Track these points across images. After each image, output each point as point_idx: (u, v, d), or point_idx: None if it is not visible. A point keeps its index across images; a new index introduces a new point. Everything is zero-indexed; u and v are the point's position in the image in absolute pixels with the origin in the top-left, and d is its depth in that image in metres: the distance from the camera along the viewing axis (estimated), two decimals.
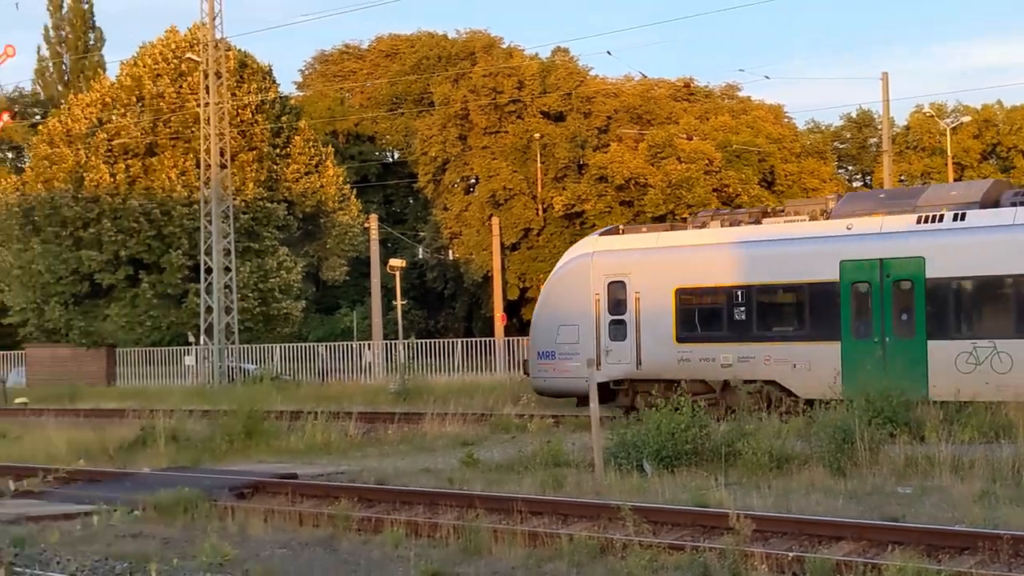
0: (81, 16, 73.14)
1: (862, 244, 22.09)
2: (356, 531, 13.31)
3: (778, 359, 22.72)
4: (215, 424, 23.04)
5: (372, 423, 25.46)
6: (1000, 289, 21.22)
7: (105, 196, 50.72)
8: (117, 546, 12.38)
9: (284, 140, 54.51)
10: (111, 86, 54.67)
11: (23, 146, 66.42)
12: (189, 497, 14.88)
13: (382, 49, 77.41)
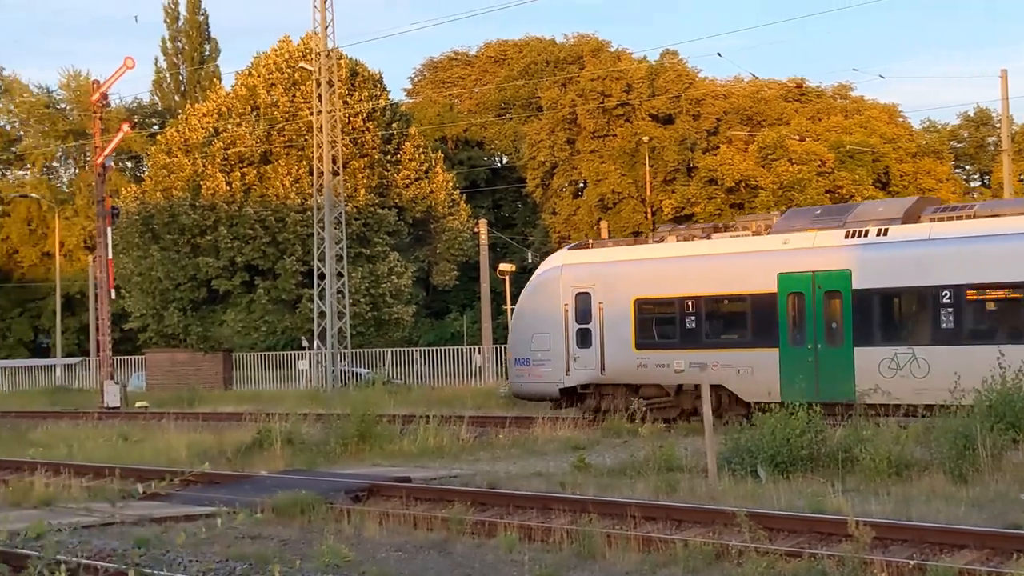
0: (197, 28, 74.87)
1: (797, 258, 23.54)
2: (470, 535, 13.36)
3: (724, 365, 24.12)
4: (329, 428, 23.29)
5: (483, 427, 25.54)
6: (917, 299, 22.59)
7: (221, 204, 51.80)
8: (237, 547, 12.60)
9: (395, 147, 55.09)
10: (227, 96, 55.79)
11: (142, 156, 68.18)
12: (306, 500, 15.07)
13: (490, 55, 77.86)
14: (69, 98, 71.43)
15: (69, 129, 70.19)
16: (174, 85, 76.33)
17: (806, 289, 23.32)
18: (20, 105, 71.66)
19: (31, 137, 71.37)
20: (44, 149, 70.59)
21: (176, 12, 74.91)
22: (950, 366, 20.93)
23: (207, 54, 75.98)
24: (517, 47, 75.42)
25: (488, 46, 78.69)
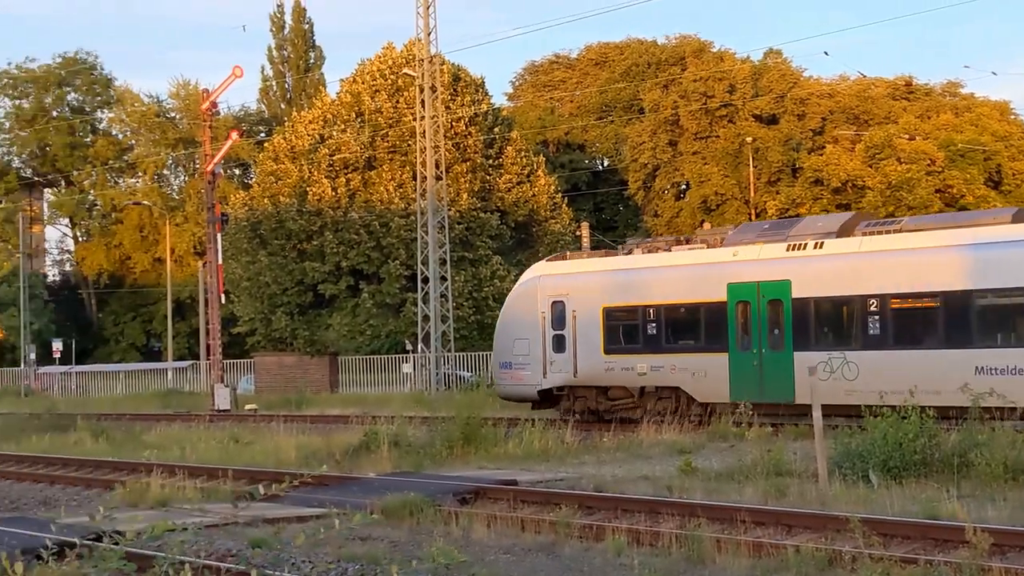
0: (302, 36, 76.01)
1: (744, 269, 25.36)
2: (577, 538, 13.36)
3: (681, 368, 26.09)
4: (434, 430, 23.47)
5: (588, 430, 25.53)
6: (848, 307, 24.24)
7: (327, 209, 52.50)
8: (348, 548, 12.75)
9: (496, 151, 55.33)
10: (332, 103, 56.54)
11: (250, 163, 69.39)
12: (414, 502, 15.20)
13: (591, 58, 77.79)
14: (179, 107, 73.01)
15: (179, 137, 71.73)
16: (280, 93, 77.56)
17: (752, 298, 25.14)
18: (132, 115, 73.45)
19: (142, 146, 73.10)
20: (155, 157, 72.23)
21: (282, 21, 76.16)
22: (877, 369, 22.93)
23: (312, 62, 77.08)
24: (618, 49, 75.23)
25: (589, 49, 78.64)
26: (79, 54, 77.33)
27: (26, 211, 76.24)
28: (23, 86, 76.92)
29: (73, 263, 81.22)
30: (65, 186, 78.69)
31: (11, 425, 32.29)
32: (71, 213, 78.55)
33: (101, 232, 75.80)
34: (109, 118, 77.94)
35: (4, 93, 77.43)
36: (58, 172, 76.68)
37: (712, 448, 21.95)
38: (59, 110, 76.56)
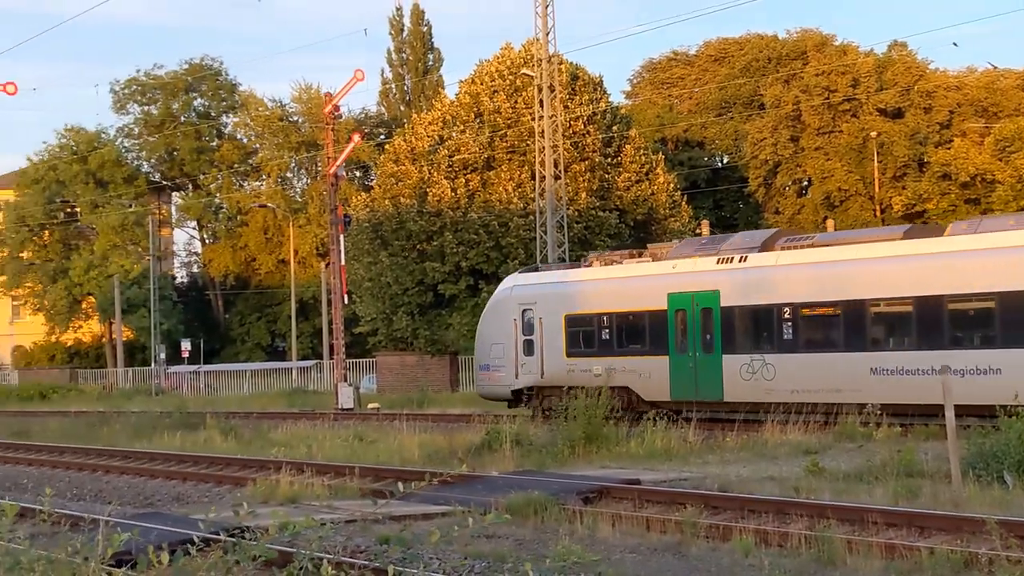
0: (421, 38, 76.70)
1: (682, 280, 28.13)
2: (704, 538, 13.25)
3: (630, 370, 28.90)
4: (556, 429, 23.50)
5: (711, 430, 25.31)
6: (766, 315, 26.64)
7: (447, 210, 52.87)
8: (475, 546, 12.82)
9: (615, 149, 55.13)
10: (451, 104, 56.93)
11: (370, 165, 70.25)
12: (538, 500, 15.24)
13: (710, 54, 77.09)
14: (301, 111, 74.23)
15: (301, 141, 72.93)
16: (399, 95, 78.38)
17: (688, 306, 27.94)
18: (256, 119, 74.92)
19: (266, 149, 74.49)
20: (278, 160, 73.55)
21: (401, 24, 76.96)
22: (790, 370, 25.80)
23: (431, 64, 77.74)
24: (738, 45, 74.41)
25: (708, 45, 77.93)
26: (205, 60, 79.19)
27: (155, 214, 78.35)
28: (152, 93, 79.00)
29: (200, 265, 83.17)
30: (192, 189, 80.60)
31: (144, 423, 33.20)
32: (198, 216, 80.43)
33: (227, 234, 77.50)
34: (234, 122, 79.67)
35: (134, 100, 79.58)
36: (185, 176, 78.58)
37: (839, 448, 21.59)
38: (186, 115, 78.43)
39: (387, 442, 25.69)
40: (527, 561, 9.45)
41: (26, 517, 7.76)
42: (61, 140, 78.36)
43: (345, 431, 28.40)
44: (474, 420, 30.32)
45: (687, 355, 27.87)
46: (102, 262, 74.78)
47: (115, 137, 79.61)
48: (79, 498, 21.74)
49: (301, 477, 19.35)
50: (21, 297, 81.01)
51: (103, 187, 76.17)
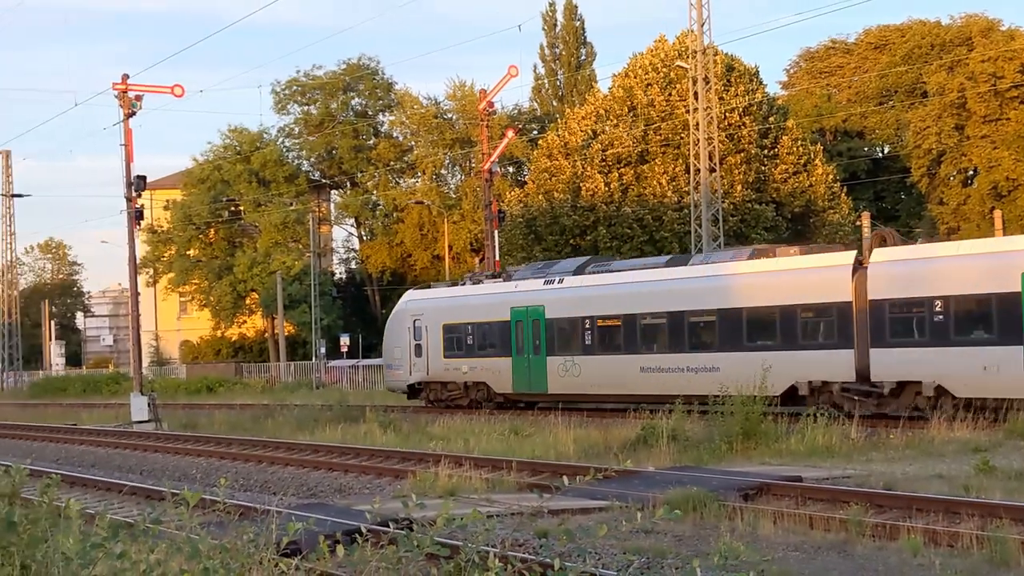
0: (574, 33, 76.67)
1: (520, 297, 34.99)
2: (869, 536, 12.94)
3: (486, 369, 35.86)
4: (713, 425, 23.25)
5: (874, 426, 24.71)
6: (573, 325, 33.46)
7: (600, 204, 52.80)
8: (633, 541, 12.75)
9: (771, 141, 54.30)
10: (604, 98, 56.83)
11: (524, 160, 70.58)
12: (697, 496, 15.09)
13: (870, 41, 75.29)
14: (456, 108, 74.95)
15: (456, 137, 73.64)
16: (552, 90, 78.52)
17: (524, 318, 34.77)
18: (412, 117, 75.93)
19: (422, 147, 75.44)
20: (433, 157, 74.41)
21: (554, 19, 77.08)
22: (590, 369, 32.83)
23: (583, 58, 77.67)
24: (899, 32, 72.49)
25: (868, 32, 76.12)
26: (362, 60, 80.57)
27: (315, 212, 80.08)
28: (311, 93, 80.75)
29: (358, 261, 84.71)
30: (350, 187, 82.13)
31: (306, 416, 33.97)
32: (356, 213, 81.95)
33: (384, 231, 78.77)
34: (390, 121, 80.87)
35: (294, 100, 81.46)
36: (344, 174, 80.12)
37: (1010, 446, 20.85)
38: (344, 115, 79.91)
39: (542, 436, 25.76)
40: (694, 558, 9.35)
41: (198, 506, 7.98)
42: (225, 140, 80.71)
43: (501, 425, 28.57)
44: (630, 415, 30.19)
45: (524, 357, 34.79)
46: (265, 259, 76.80)
47: (276, 137, 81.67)
48: (246, 489, 22.39)
49: (459, 470, 19.55)
50: (188, 294, 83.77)
51: (265, 186, 78.19)
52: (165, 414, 39.31)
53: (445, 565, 5.82)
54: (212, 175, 78.74)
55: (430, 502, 14.51)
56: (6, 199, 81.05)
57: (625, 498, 15.64)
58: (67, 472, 24.55)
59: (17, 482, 7.55)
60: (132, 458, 29.14)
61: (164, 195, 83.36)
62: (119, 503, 19.57)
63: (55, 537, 6.55)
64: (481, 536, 5.87)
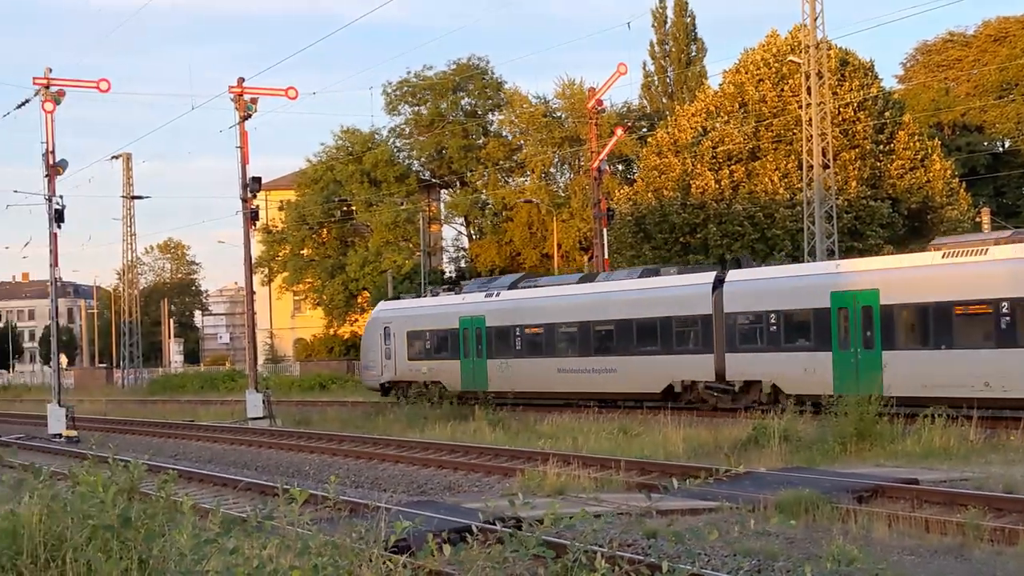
0: (684, 30, 76.09)
1: (467, 308, 40.46)
2: (987, 541, 12.63)
3: (441, 369, 40.79)
4: (826, 425, 22.90)
5: (993, 428, 24.11)
6: (510, 332, 38.60)
7: (711, 202, 52.33)
8: (743, 543, 12.61)
9: (887, 136, 53.27)
10: (714, 95, 56.31)
11: (633, 158, 70.27)
12: (809, 498, 14.87)
13: (989, 34, 73.42)
14: (565, 106, 74.91)
15: (565, 136, 73.59)
16: (662, 87, 78.01)
17: (470, 326, 39.97)
18: (521, 116, 76.09)
19: (531, 145, 75.52)
20: (542, 156, 74.45)
21: (664, 16, 76.56)
22: (520, 370, 37.92)
23: (693, 55, 77.02)
24: (1020, 23, 70.58)
25: (987, 24, 74.22)
26: (471, 60, 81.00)
27: (425, 211, 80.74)
28: (421, 94, 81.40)
29: (468, 260, 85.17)
30: (460, 186, 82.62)
31: (416, 414, 34.30)
32: (465, 212, 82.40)
33: (493, 230, 79.07)
34: (499, 120, 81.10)
35: (405, 101, 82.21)
36: (453, 174, 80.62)
37: None
38: (454, 114, 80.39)
39: (651, 436, 25.64)
40: (806, 561, 9.23)
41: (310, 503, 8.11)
42: (338, 141, 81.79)
43: (610, 424, 28.51)
44: (740, 415, 29.89)
45: (471, 359, 39.91)
46: (376, 258, 77.68)
47: (387, 137, 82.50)
48: (357, 485, 22.67)
49: (567, 469, 19.54)
50: (301, 292, 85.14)
51: (376, 186, 79.06)
52: (279, 411, 39.99)
53: (552, 565, 5.81)
54: (325, 176, 79.89)
55: (538, 501, 14.55)
56: (127, 201, 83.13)
57: (735, 499, 15.48)
58: (184, 468, 25.13)
59: (136, 477, 7.74)
60: (247, 454, 29.69)
61: (278, 196, 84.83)
62: (234, 499, 19.97)
63: (171, 532, 6.70)
64: (588, 536, 5.85)
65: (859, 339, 28.44)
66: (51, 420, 36.85)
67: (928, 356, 26.94)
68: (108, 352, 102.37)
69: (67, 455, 29.72)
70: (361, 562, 6.33)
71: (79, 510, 7.11)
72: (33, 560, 7.28)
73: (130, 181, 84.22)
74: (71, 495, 7.48)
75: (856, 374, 28.09)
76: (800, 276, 31.01)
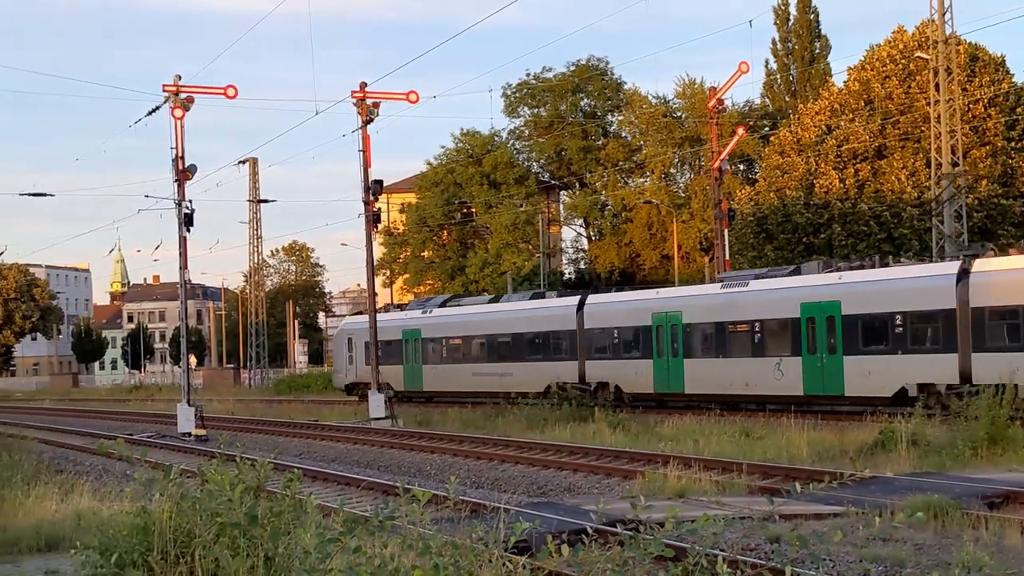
0: (807, 27, 75.01)
1: (408, 322, 49.03)
2: None
3: (390, 373, 47.21)
4: (956, 430, 22.35)
5: None
6: (438, 343, 47.71)
7: (835, 202, 51.47)
8: (870, 549, 12.36)
9: (1020, 133, 51.72)
10: (839, 92, 55.36)
11: (754, 158, 69.47)
12: (938, 504, 14.53)
13: None
14: (685, 106, 74.46)
15: (685, 136, 73.15)
16: (784, 86, 77.01)
17: (410, 337, 48.58)
18: (640, 116, 75.83)
19: (650, 146, 75.22)
20: (662, 156, 74.09)
21: (786, 13, 75.57)
22: (446, 373, 46.81)
23: (817, 52, 75.86)
24: None
25: None
26: (591, 61, 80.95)
27: (545, 213, 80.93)
28: (541, 95, 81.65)
29: (587, 261, 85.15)
30: (579, 188, 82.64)
31: (536, 415, 34.35)
32: (585, 213, 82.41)
33: (612, 231, 78.92)
34: (619, 121, 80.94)
35: (524, 103, 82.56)
36: (573, 175, 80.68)
37: None
38: (573, 116, 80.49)
39: (774, 439, 25.30)
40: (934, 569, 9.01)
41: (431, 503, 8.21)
42: (458, 144, 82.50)
43: (731, 427, 28.22)
44: (866, 418, 29.33)
45: (410, 364, 48.62)
46: (496, 259, 78.13)
47: (507, 139, 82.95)
48: (477, 485, 22.80)
49: (688, 472, 19.39)
50: (423, 294, 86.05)
51: (496, 188, 79.52)
52: (401, 411, 40.44)
53: (672, 568, 5.76)
54: (445, 178, 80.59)
55: (658, 504, 14.49)
56: (253, 204, 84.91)
57: (861, 504, 15.20)
58: (308, 467, 25.56)
59: (263, 476, 7.88)
60: (370, 454, 30.07)
61: (400, 198, 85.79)
62: (357, 497, 20.24)
63: (295, 531, 6.81)
64: (709, 539, 5.79)
65: (669, 349, 37.24)
66: (181, 419, 37.74)
67: (711, 363, 35.80)
68: (235, 353, 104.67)
69: (196, 453, 30.45)
70: (481, 562, 6.36)
71: (208, 508, 7.26)
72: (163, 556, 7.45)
73: (256, 185, 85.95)
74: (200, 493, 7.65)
75: (668, 376, 37.30)
76: (633, 300, 39.90)
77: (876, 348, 31.04)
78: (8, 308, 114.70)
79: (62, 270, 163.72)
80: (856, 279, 32.27)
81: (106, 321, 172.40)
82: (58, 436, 38.74)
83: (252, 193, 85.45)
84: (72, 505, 16.16)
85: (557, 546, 5.92)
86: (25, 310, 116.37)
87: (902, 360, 30.03)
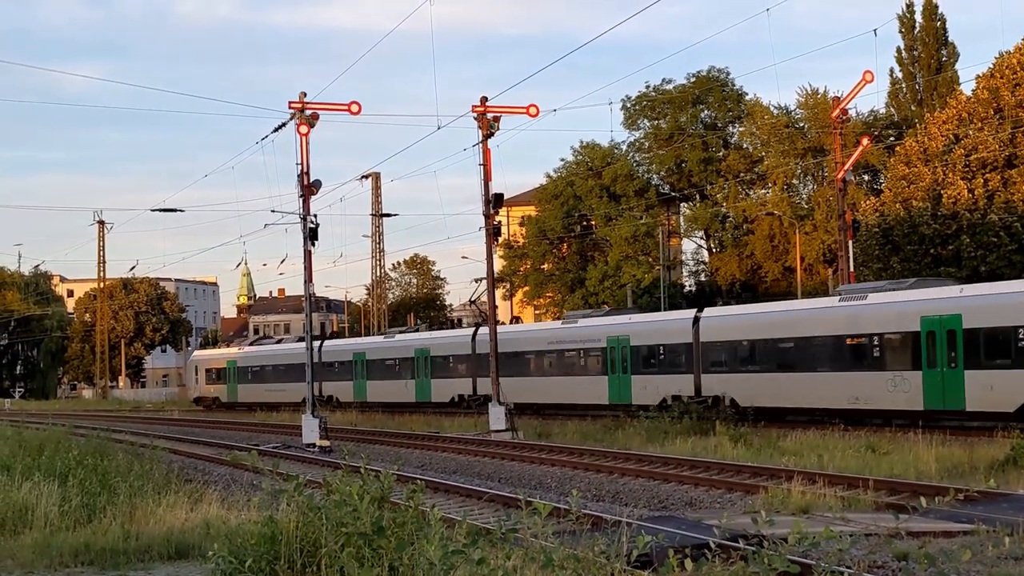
0: (933, 34, 73.44)
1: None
2: None
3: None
4: None
5: None
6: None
7: (964, 212, 50.31)
8: (1001, 568, 12.06)
9: None
10: (967, 101, 54.12)
11: (879, 168, 68.20)
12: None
13: None
14: (807, 116, 73.44)
15: (807, 147, 72.13)
16: (910, 95, 75.46)
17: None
18: (762, 127, 75.01)
19: (772, 157, 74.34)
20: (784, 167, 73.16)
21: (912, 21, 74.07)
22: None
23: (944, 60, 74.18)
24: None
25: None
26: (711, 72, 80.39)
27: (665, 225, 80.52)
28: (661, 107, 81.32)
29: (708, 273, 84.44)
30: (700, 200, 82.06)
31: (655, 428, 34.19)
32: (705, 225, 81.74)
33: (733, 243, 78.14)
34: (740, 132, 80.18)
35: (644, 115, 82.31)
36: (693, 187, 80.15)
37: None
38: (693, 127, 79.98)
39: (901, 454, 24.82)
40: None
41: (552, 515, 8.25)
42: (577, 157, 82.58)
43: (857, 441, 27.74)
44: (996, 434, 28.58)
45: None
46: (615, 272, 77.95)
47: (626, 152, 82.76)
48: (598, 499, 22.78)
49: (812, 487, 19.13)
50: (542, 306, 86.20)
51: (616, 200, 79.37)
52: (521, 423, 40.56)
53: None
54: (565, 191, 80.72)
55: (781, 519, 14.32)
56: (376, 219, 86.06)
57: (992, 522, 14.83)
58: (430, 478, 25.82)
59: (387, 487, 8.01)
60: (490, 466, 30.22)
61: (519, 211, 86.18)
62: (478, 509, 20.39)
63: (419, 541, 6.91)
64: (834, 556, 5.73)
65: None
66: (305, 430, 38.33)
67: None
68: None
69: (320, 464, 30.96)
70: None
71: (334, 518, 7.41)
72: (290, 565, 7.63)
73: (379, 199, 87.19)
74: (326, 503, 7.80)
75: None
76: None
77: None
78: (139, 321, 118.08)
79: (191, 284, 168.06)
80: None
81: (233, 333, 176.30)
82: (187, 446, 39.72)
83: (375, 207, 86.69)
84: (201, 514, 16.57)
85: (680, 561, 5.92)
86: (155, 323, 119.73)
87: (454, 382, 53.73)
